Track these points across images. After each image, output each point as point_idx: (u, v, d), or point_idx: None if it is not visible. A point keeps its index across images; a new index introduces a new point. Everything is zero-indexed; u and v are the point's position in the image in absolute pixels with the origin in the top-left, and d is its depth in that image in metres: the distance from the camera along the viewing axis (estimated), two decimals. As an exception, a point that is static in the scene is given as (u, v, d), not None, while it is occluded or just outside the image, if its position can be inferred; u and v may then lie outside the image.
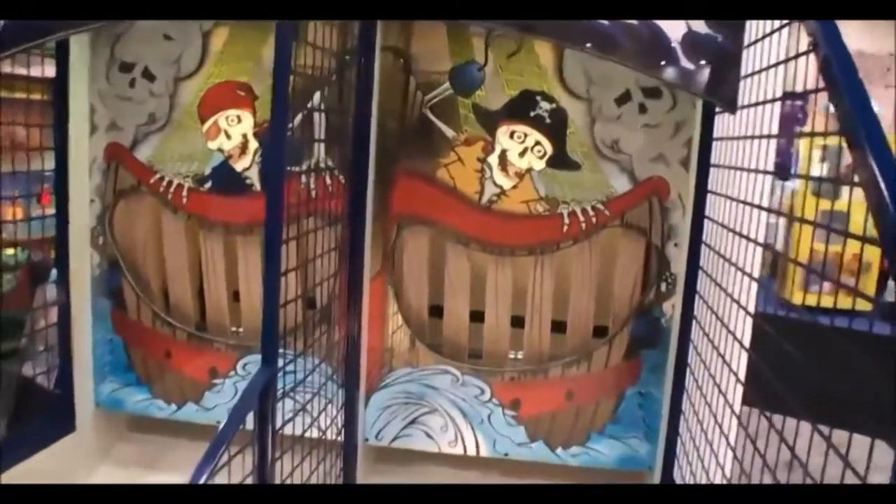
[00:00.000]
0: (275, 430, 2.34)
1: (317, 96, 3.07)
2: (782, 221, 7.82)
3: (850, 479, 1.41)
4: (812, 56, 1.83)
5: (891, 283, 7.15)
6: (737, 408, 2.43)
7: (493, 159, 3.21)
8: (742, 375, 2.40)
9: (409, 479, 3.39)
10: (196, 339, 3.52)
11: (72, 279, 3.35)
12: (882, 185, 1.33)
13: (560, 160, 3.18)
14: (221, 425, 2.06)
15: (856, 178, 1.47)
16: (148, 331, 3.54)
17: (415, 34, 3.20)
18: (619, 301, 3.27)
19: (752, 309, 2.49)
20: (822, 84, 1.74)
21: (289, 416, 2.51)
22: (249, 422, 2.17)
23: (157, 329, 3.53)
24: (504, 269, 3.30)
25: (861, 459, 1.33)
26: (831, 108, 1.67)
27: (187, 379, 3.53)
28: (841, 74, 1.65)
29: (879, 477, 1.21)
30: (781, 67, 2.24)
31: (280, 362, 2.38)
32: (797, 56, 2.10)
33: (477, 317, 3.38)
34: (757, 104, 2.42)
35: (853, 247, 1.52)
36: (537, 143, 3.17)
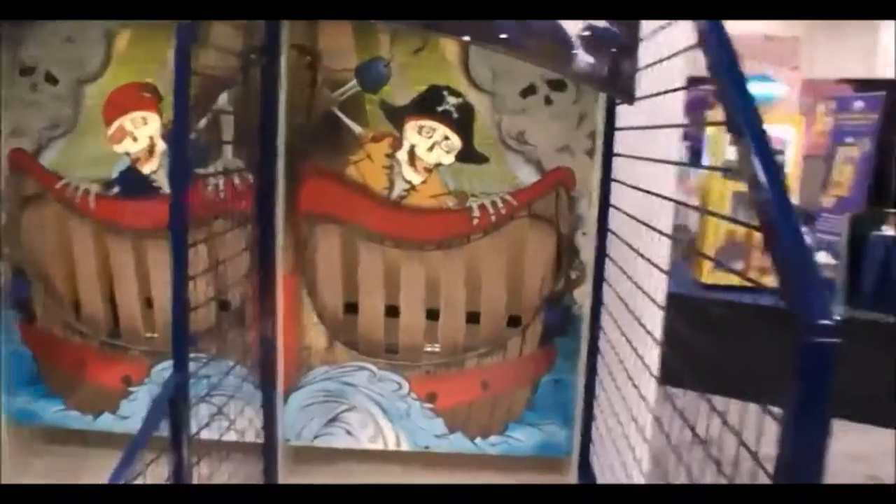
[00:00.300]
0: (190, 435, 2.33)
1: (223, 97, 3.04)
2: (696, 202, 7.98)
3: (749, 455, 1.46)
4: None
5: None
6: (648, 391, 2.49)
7: (402, 155, 3.22)
8: (652, 359, 2.46)
9: (331, 477, 3.39)
10: (109, 347, 3.45)
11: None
12: (764, 182, 1.38)
13: (468, 154, 3.21)
14: (135, 435, 2.05)
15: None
16: (59, 341, 3.45)
17: (320, 32, 3.19)
18: (530, 291, 3.32)
19: (661, 297, 2.55)
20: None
21: (205, 421, 2.50)
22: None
23: (69, 338, 3.46)
24: (416, 264, 3.31)
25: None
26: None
27: (101, 388, 3.45)
28: (722, 70, 1.69)
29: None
30: (682, 56, 2.28)
31: (193, 367, 2.37)
32: (686, 49, 2.16)
33: (392, 312, 3.39)
34: (654, 95, 2.48)
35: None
36: (445, 137, 3.20)
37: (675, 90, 2.39)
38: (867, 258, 8.36)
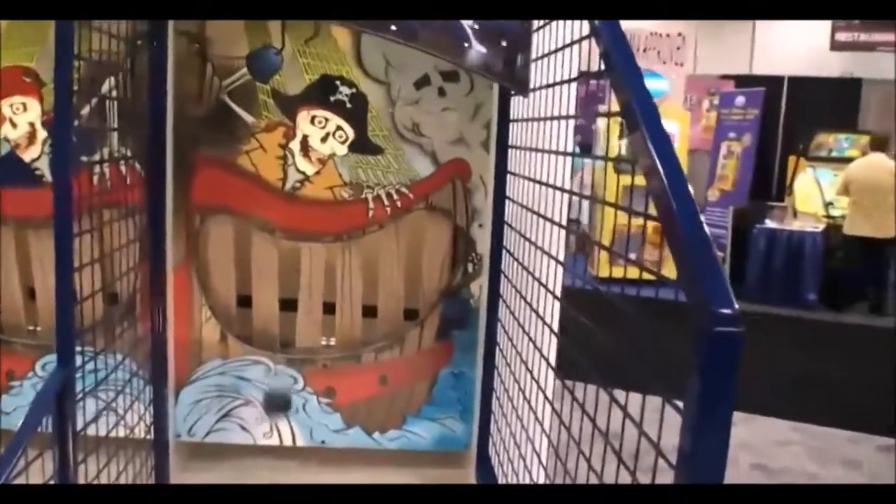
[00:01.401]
0: (76, 431, 2.25)
1: (108, 83, 2.94)
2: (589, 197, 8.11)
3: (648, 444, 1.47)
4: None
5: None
6: (546, 384, 2.51)
7: (295, 145, 3.17)
8: (550, 352, 2.48)
9: (224, 473, 3.32)
10: (-10, 341, 3.32)
11: None
12: (661, 170, 1.39)
13: (362, 145, 3.18)
14: (16, 430, 1.97)
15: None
16: (-63, 335, 3.30)
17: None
18: (428, 283, 3.31)
19: (557, 288, 2.57)
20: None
21: (92, 417, 2.42)
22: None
23: (-52, 333, 3.31)
24: (312, 257, 3.27)
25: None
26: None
27: (-18, 383, 3.32)
28: (617, 60, 1.71)
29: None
30: (576, 49, 2.30)
31: (79, 361, 2.29)
32: (579, 41, 2.18)
33: (287, 305, 3.34)
34: (547, 86, 2.49)
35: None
36: (339, 127, 3.16)
37: (568, 81, 2.41)
38: (751, 251, 8.68)
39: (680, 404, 1.21)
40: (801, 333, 7.53)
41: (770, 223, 8.77)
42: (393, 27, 2.44)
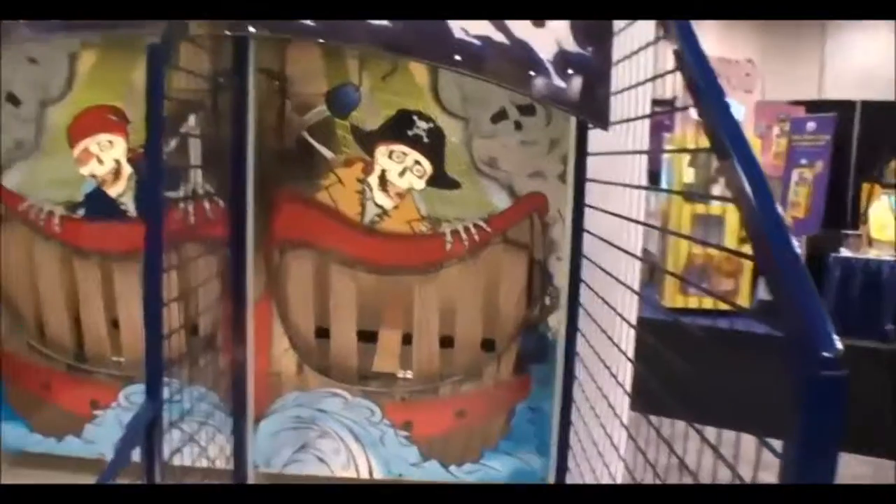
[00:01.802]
0: (163, 461, 2.29)
1: (191, 120, 3.02)
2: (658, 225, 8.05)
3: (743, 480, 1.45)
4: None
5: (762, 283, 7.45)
6: (624, 416, 2.49)
7: (373, 180, 3.21)
8: (628, 383, 2.47)
9: (301, 504, 3.34)
10: (75, 371, 3.40)
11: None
12: (751, 197, 1.37)
13: (440, 179, 3.20)
14: (110, 460, 2.02)
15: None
16: (23, 363, 3.40)
17: (289, 56, 3.17)
18: (505, 317, 3.30)
19: (633, 317, 2.56)
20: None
21: (176, 447, 2.46)
22: (136, 454, 2.13)
23: (34, 361, 3.40)
24: (390, 290, 3.29)
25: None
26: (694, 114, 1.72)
27: (67, 412, 3.40)
28: (706, 91, 1.70)
29: (768, 475, 1.23)
30: (645, 79, 2.30)
31: (166, 393, 2.33)
32: (665, 74, 2.17)
33: (365, 337, 3.36)
34: (628, 120, 2.50)
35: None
36: (416, 162, 3.19)
37: (650, 116, 2.41)
38: (826, 280, 8.50)
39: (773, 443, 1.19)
40: (879, 365, 7.34)
41: (845, 252, 8.58)
42: (465, 61, 2.47)
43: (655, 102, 3.19)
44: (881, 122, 10.71)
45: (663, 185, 8.02)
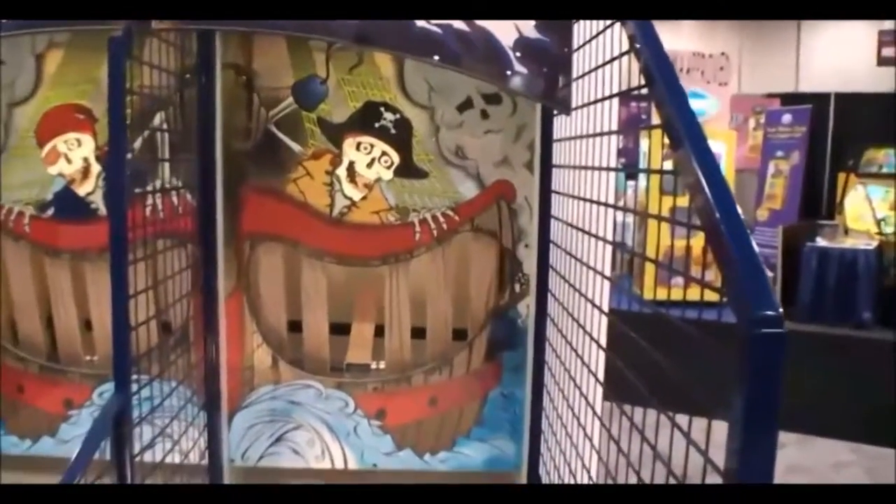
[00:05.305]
0: (132, 456, 2.29)
1: (158, 116, 3.02)
2: (633, 220, 8.10)
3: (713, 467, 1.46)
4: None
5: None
6: (595, 404, 2.49)
7: (342, 172, 3.22)
8: (599, 371, 2.47)
9: (277, 497, 3.35)
10: (48, 371, 3.38)
11: None
12: (705, 187, 1.38)
13: (407, 169, 3.22)
14: (74, 455, 2.02)
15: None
16: (-4, 366, 3.39)
17: (256, 51, 3.18)
18: (475, 305, 3.32)
19: (605, 305, 2.57)
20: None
21: (148, 442, 2.46)
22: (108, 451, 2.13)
23: (7, 363, 3.38)
24: (361, 280, 3.30)
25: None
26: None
27: (41, 412, 3.38)
28: (658, 75, 1.71)
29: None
30: (617, 67, 2.31)
31: (134, 387, 2.33)
32: (619, 56, 2.19)
33: (337, 329, 3.37)
34: (591, 103, 2.51)
35: (701, 240, 1.51)
36: (384, 153, 3.20)
37: (610, 97, 2.42)
38: (802, 270, 8.54)
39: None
40: (856, 353, 7.39)
41: (821, 241, 8.63)
42: (436, 56, 2.48)
43: (624, 92, 3.21)
44: (855, 114, 10.79)
45: (640, 179, 8.05)
